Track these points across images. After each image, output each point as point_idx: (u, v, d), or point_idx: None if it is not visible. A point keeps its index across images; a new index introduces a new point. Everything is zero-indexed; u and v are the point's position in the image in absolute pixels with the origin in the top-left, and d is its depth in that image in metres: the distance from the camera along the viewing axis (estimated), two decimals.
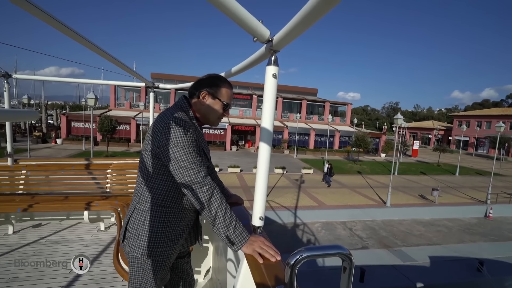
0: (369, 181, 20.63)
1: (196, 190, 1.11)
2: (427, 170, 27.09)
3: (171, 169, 1.14)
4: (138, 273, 1.25)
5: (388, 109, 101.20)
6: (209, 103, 1.30)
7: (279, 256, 1.09)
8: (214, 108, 1.31)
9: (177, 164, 1.12)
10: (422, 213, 14.92)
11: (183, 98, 1.34)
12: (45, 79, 5.61)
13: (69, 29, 1.41)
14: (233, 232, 1.10)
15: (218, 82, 1.32)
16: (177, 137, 1.13)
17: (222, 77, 1.37)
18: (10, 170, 3.54)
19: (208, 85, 1.30)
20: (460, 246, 11.66)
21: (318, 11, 0.80)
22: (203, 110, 1.32)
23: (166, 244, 1.25)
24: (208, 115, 1.33)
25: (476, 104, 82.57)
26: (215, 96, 1.30)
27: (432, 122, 62.30)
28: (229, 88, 1.34)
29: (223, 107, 1.33)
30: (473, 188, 20.19)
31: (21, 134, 30.00)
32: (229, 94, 1.34)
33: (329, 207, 14.14)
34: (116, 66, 2.46)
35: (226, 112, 1.38)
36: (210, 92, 1.30)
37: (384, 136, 37.19)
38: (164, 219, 1.23)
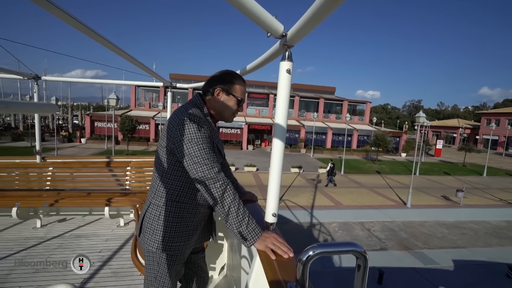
0: (388, 181, 20.01)
1: (209, 186, 1.11)
2: (451, 170, 25.86)
3: (185, 164, 1.15)
4: (153, 266, 1.27)
5: (409, 107, 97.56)
6: (224, 100, 1.31)
7: (291, 253, 1.08)
8: (229, 105, 1.32)
9: (191, 159, 1.13)
10: (446, 215, 14.24)
11: (198, 95, 1.35)
12: (70, 80, 5.91)
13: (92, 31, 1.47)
14: (246, 228, 1.10)
15: (231, 78, 1.32)
16: (191, 133, 1.14)
17: (235, 73, 1.36)
18: (38, 167, 3.74)
19: (221, 82, 1.30)
20: (487, 250, 11.02)
21: (331, 4, 0.79)
22: (217, 107, 1.32)
23: (181, 239, 1.27)
24: (222, 112, 1.34)
25: (508, 101, 77.63)
26: (229, 92, 1.30)
27: (457, 120, 59.39)
28: (242, 84, 1.34)
29: (237, 103, 1.33)
30: (503, 189, 19.03)
31: (50, 134, 31.69)
32: (243, 90, 1.34)
33: (347, 207, 13.85)
34: (137, 67, 2.54)
35: (240, 108, 1.37)
36: (224, 88, 1.29)
37: (405, 135, 35.90)
38: (179, 214, 1.25)
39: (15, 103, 0.86)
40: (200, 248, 1.59)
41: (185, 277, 1.56)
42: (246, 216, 1.12)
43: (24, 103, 1.00)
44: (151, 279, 1.30)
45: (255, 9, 0.99)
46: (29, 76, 3.41)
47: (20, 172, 3.72)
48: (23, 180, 3.72)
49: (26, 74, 3.41)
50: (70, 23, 1.32)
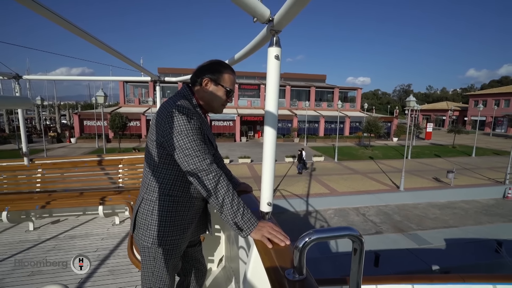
0: (381, 166, 20.34)
1: (202, 178, 1.09)
2: (441, 152, 26.41)
3: (176, 157, 1.13)
4: (150, 262, 1.26)
5: (399, 92, 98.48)
6: (212, 90, 1.27)
7: (288, 241, 1.08)
8: (217, 95, 1.28)
9: (182, 152, 1.10)
10: (437, 196, 14.64)
11: (186, 86, 1.31)
12: (55, 78, 5.72)
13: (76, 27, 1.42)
14: (241, 218, 1.09)
15: (220, 68, 1.28)
16: (180, 125, 1.11)
17: (224, 63, 1.32)
18: (27, 169, 3.66)
19: (210, 72, 1.27)
20: (477, 228, 11.42)
21: None
22: (206, 97, 1.29)
23: (176, 233, 1.25)
24: (211, 102, 1.30)
25: (494, 82, 79.07)
26: (218, 82, 1.26)
27: (446, 103, 60.31)
28: (231, 73, 1.30)
29: (226, 93, 1.29)
30: (491, 168, 19.59)
31: (37, 135, 30.94)
32: (232, 80, 1.30)
33: (342, 194, 14.07)
34: (124, 62, 2.46)
35: (230, 99, 1.34)
36: (212, 78, 1.26)
37: (396, 120, 36.34)
38: (172, 208, 1.23)
39: None
40: (196, 241, 1.57)
41: (183, 271, 1.56)
42: (241, 207, 1.10)
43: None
44: (149, 275, 1.29)
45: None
46: (9, 75, 3.28)
47: (8, 175, 3.63)
48: (11, 183, 3.63)
49: (5, 73, 3.28)
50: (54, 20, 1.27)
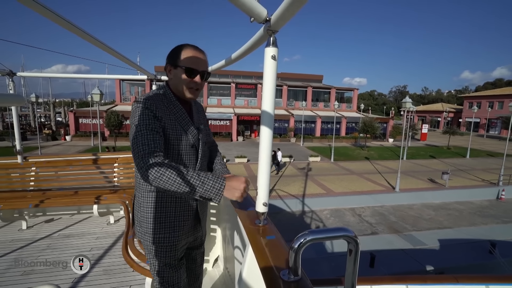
0: (377, 166, 20.46)
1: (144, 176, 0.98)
2: (436, 153, 26.66)
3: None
4: (150, 259, 1.28)
5: (395, 93, 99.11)
6: (174, 75, 1.22)
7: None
8: (179, 77, 1.20)
9: (131, 145, 1.06)
10: (432, 197, 14.77)
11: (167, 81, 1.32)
12: (50, 75, 5.67)
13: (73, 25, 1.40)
14: (203, 190, 0.97)
15: (176, 50, 1.21)
16: (133, 117, 1.10)
17: (184, 44, 1.23)
18: (20, 167, 3.61)
19: (168, 58, 1.24)
20: (471, 229, 11.54)
21: None
22: (173, 85, 1.24)
23: (165, 230, 1.23)
24: (177, 88, 1.23)
25: (488, 84, 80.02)
26: (176, 64, 1.20)
27: (441, 104, 60.90)
28: (189, 50, 1.20)
29: (185, 72, 1.19)
30: (485, 170, 19.82)
31: (32, 132, 30.60)
32: (191, 56, 1.20)
33: (337, 194, 14.12)
34: (120, 60, 2.45)
35: (193, 78, 1.21)
36: (171, 63, 1.22)
37: (392, 120, 36.59)
38: (157, 205, 1.21)
39: None
40: (198, 242, 1.53)
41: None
42: (196, 180, 0.97)
43: None
44: (154, 273, 1.30)
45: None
46: (3, 72, 3.24)
47: (1, 173, 3.58)
48: (4, 181, 3.58)
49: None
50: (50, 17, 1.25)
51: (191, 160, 1.26)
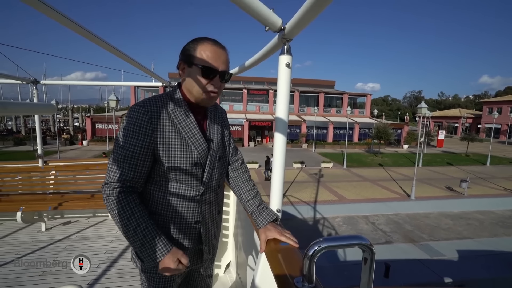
0: (391, 173, 19.97)
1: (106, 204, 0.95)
2: (454, 160, 25.76)
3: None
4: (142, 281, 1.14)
5: (410, 98, 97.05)
6: (187, 74, 1.01)
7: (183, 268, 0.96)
8: (194, 78, 1.00)
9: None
10: (450, 206, 14.21)
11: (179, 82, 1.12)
12: (69, 83, 5.95)
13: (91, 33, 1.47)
14: (140, 251, 0.93)
15: (192, 44, 1.00)
16: (122, 124, 0.97)
17: (200, 37, 1.02)
18: (41, 171, 3.76)
19: (182, 53, 1.02)
20: (493, 240, 11.00)
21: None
22: (186, 86, 1.04)
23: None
24: (191, 90, 1.03)
25: (509, 89, 77.02)
26: (191, 62, 0.99)
27: (458, 110, 59.06)
28: (207, 45, 0.99)
29: (202, 72, 0.98)
30: (507, 178, 18.95)
31: (51, 137, 31.81)
32: (210, 53, 0.98)
33: (350, 201, 13.85)
34: (135, 67, 2.53)
35: (212, 80, 1.00)
36: (185, 60, 1.00)
37: (407, 126, 35.77)
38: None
39: (13, 104, 0.86)
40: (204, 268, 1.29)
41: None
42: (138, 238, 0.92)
43: (22, 104, 1.00)
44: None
45: (253, 2, 0.98)
46: (28, 80, 3.41)
47: (23, 177, 3.74)
48: (26, 184, 3.74)
49: (25, 78, 3.41)
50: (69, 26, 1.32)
51: (191, 182, 1.04)
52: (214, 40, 1.01)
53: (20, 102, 1.08)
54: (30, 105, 1.22)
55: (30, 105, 1.24)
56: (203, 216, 1.09)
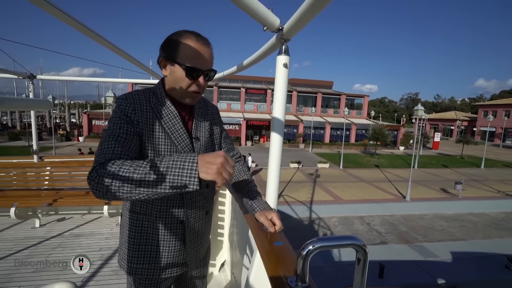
0: (387, 174, 20.09)
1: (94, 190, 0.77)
2: (449, 163, 25.99)
3: None
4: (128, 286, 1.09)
5: (407, 100, 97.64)
6: (170, 72, 0.95)
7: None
8: (177, 77, 0.93)
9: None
10: (445, 208, 14.35)
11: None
12: (66, 79, 5.87)
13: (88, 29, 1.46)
14: (172, 176, 0.72)
15: (174, 39, 0.92)
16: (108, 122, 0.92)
17: (183, 31, 0.93)
18: (36, 166, 3.73)
19: (164, 48, 0.94)
20: (486, 242, 11.13)
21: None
22: (169, 83, 0.98)
23: (141, 260, 1.03)
24: (174, 88, 0.97)
25: (504, 92, 78.00)
26: (174, 59, 0.92)
27: (454, 112, 59.57)
28: (191, 41, 0.91)
29: (186, 72, 0.91)
30: (501, 181, 19.17)
31: (47, 133, 31.55)
32: (194, 52, 0.91)
33: (346, 202, 13.92)
34: (133, 64, 2.52)
35: (196, 79, 0.94)
36: (166, 56, 0.93)
37: (403, 128, 36.00)
38: (137, 228, 1.02)
39: (9, 99, 0.85)
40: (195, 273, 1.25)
41: None
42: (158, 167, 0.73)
43: (18, 99, 0.99)
44: None
45: (251, 2, 0.98)
46: (24, 75, 3.38)
47: (17, 172, 3.71)
48: (21, 180, 3.71)
49: (21, 73, 3.38)
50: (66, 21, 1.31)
51: None
52: (197, 35, 0.93)
53: (16, 98, 1.07)
54: (26, 101, 1.21)
55: (26, 100, 1.24)
56: (187, 217, 1.06)
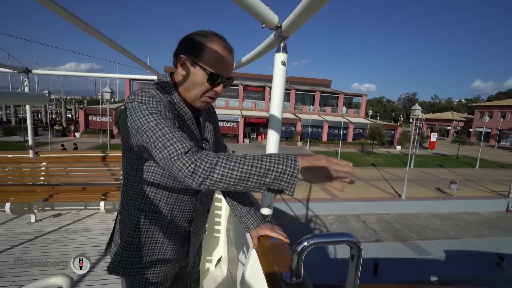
0: (383, 173, 20.22)
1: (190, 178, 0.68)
2: (445, 162, 26.21)
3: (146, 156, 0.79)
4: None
5: (404, 100, 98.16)
6: (189, 73, 0.89)
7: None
8: (195, 80, 0.89)
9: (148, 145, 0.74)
10: (439, 207, 14.52)
11: (169, 73, 0.99)
12: (63, 74, 5.82)
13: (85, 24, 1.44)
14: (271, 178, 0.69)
15: (199, 40, 0.87)
16: (138, 116, 0.78)
17: (209, 32, 0.90)
18: (31, 162, 3.70)
19: (185, 46, 0.89)
20: (479, 241, 11.30)
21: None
22: (182, 84, 0.92)
23: (145, 258, 0.98)
24: (188, 90, 0.92)
25: (501, 94, 78.75)
26: (196, 61, 0.87)
27: (451, 113, 59.97)
28: (218, 46, 0.88)
29: (208, 78, 0.88)
30: (495, 181, 19.38)
31: (43, 128, 31.27)
32: (220, 57, 0.87)
33: (342, 200, 14.01)
34: (131, 60, 2.50)
35: (217, 86, 0.91)
36: (188, 56, 0.88)
37: (400, 128, 36.17)
38: (143, 227, 0.96)
39: (3, 92, 0.84)
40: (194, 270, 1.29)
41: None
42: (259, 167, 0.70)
43: (13, 93, 0.98)
44: None
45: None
46: (19, 69, 3.34)
47: (13, 167, 3.68)
48: (16, 175, 3.68)
49: (16, 67, 3.34)
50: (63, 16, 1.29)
51: None
52: (224, 40, 0.90)
53: (11, 91, 1.05)
54: (21, 95, 1.20)
55: (21, 94, 1.22)
56: (195, 216, 1.08)
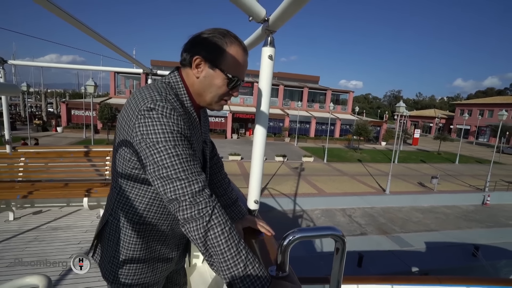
0: (369, 169, 20.71)
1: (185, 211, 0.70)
2: (427, 158, 27.13)
3: (149, 176, 0.76)
4: None
5: (390, 97, 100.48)
6: (206, 75, 0.86)
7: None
8: (214, 84, 0.86)
9: (157, 171, 0.73)
10: (421, 201, 15.07)
11: (175, 70, 0.92)
12: (43, 65, 5.53)
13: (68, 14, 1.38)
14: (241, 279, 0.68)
15: (220, 42, 0.84)
16: (156, 132, 0.73)
17: (230, 34, 0.87)
18: (8, 157, 3.54)
19: (204, 47, 0.84)
20: (456, 232, 11.84)
21: None
22: (197, 86, 0.88)
23: (144, 270, 0.95)
24: (204, 93, 0.88)
25: (480, 93, 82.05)
26: (216, 64, 0.84)
27: (433, 110, 61.95)
28: (238, 50, 0.86)
29: (227, 82, 0.86)
30: (473, 176, 20.28)
31: (22, 122, 29.95)
32: (240, 62, 0.87)
33: (329, 195, 14.26)
34: (116, 53, 2.42)
35: (234, 91, 0.91)
36: (207, 58, 0.84)
37: (385, 124, 37.04)
38: (143, 240, 0.92)
39: None
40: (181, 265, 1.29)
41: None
42: (241, 260, 0.69)
43: None
44: None
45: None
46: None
47: None
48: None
49: None
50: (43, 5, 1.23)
51: None
52: (242, 44, 0.89)
53: None
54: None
55: None
56: None
